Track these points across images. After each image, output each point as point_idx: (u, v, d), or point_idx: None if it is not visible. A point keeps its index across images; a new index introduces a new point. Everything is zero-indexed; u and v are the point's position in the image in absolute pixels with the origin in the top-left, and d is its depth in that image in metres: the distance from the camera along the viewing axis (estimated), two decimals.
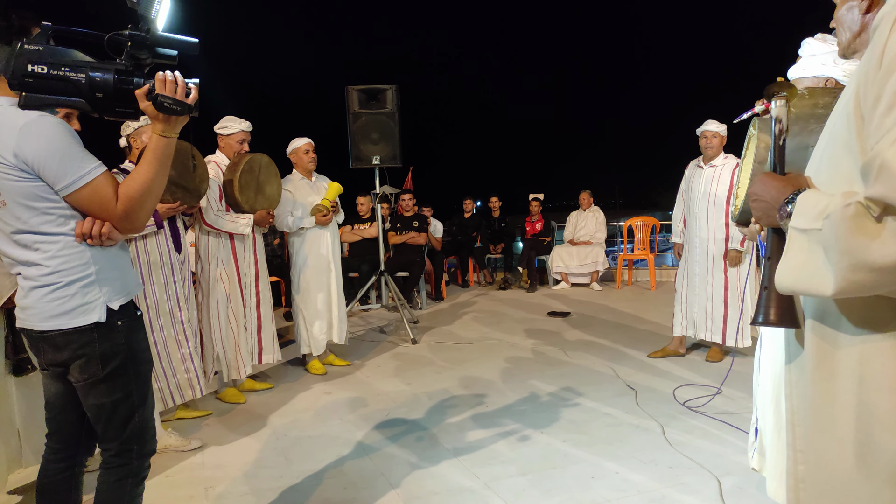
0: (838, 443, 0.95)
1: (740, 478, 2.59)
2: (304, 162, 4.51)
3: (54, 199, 1.56)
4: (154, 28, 1.55)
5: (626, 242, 8.34)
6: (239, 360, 3.84)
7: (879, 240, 0.80)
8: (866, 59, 0.90)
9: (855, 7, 1.15)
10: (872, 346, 0.91)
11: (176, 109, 1.57)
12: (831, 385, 0.97)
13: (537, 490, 2.58)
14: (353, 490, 2.65)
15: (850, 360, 0.94)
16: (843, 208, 0.84)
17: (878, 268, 0.80)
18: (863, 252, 0.81)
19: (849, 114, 0.92)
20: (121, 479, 1.72)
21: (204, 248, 3.81)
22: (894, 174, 0.78)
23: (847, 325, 0.95)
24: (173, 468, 2.93)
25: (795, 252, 0.93)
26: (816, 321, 1.01)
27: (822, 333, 1.00)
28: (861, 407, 0.91)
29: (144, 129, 3.19)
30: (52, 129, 1.53)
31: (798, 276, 0.92)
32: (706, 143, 4.31)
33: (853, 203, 0.83)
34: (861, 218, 0.82)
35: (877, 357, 0.90)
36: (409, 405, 3.70)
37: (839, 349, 0.96)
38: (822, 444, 0.99)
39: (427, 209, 7.98)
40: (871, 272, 0.82)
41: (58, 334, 1.61)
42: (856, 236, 0.82)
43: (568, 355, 4.68)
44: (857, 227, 0.82)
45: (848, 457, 0.93)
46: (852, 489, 0.93)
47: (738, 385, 3.68)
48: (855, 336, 0.93)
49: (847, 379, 0.94)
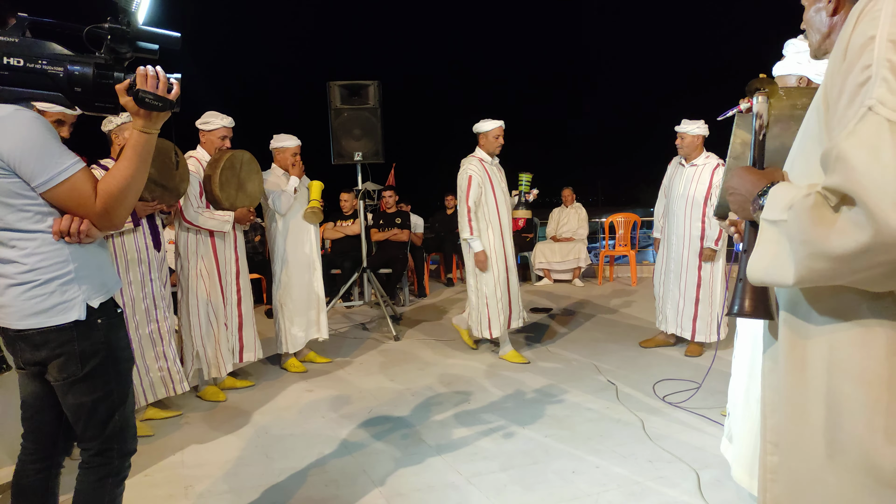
0: (810, 431, 0.96)
1: (719, 471, 2.63)
2: (287, 164, 4.45)
3: (31, 195, 1.53)
4: (135, 21, 1.52)
5: (608, 239, 8.40)
6: (219, 357, 3.80)
7: (836, 229, 0.81)
8: (833, 53, 0.92)
9: (822, 9, 1.17)
10: (840, 335, 0.92)
11: (157, 105, 1.55)
12: (802, 375, 0.98)
13: (519, 485, 2.60)
14: (334, 487, 2.65)
15: (820, 349, 0.95)
16: (804, 198, 0.86)
17: (835, 257, 0.82)
18: (821, 241, 0.83)
19: (818, 107, 0.94)
20: (101, 478, 1.70)
21: (184, 244, 3.77)
22: (849, 164, 0.80)
23: (816, 315, 0.96)
24: (152, 467, 2.90)
25: (766, 243, 0.94)
26: (788, 312, 1.03)
27: (794, 324, 1.01)
28: (831, 396, 0.93)
29: (127, 125, 3.14)
30: (28, 124, 1.50)
31: (766, 267, 0.93)
32: (679, 142, 4.43)
33: (813, 193, 0.85)
34: (820, 208, 0.83)
35: (845, 346, 0.92)
36: (391, 402, 3.70)
37: (809, 339, 0.97)
38: (794, 432, 1.00)
39: (405, 205, 7.96)
40: (829, 261, 0.83)
41: (36, 333, 1.58)
42: (815, 226, 0.83)
43: (550, 351, 4.71)
44: (816, 217, 0.83)
45: (819, 445, 0.94)
46: (823, 476, 0.94)
47: (719, 380, 3.74)
48: (824, 326, 0.95)
49: (817, 368, 0.95)
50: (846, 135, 0.82)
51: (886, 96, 0.80)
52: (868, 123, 0.80)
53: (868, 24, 0.86)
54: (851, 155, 0.80)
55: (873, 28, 0.85)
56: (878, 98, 0.81)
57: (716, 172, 4.28)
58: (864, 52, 0.85)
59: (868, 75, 0.83)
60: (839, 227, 0.81)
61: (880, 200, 0.76)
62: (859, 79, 0.84)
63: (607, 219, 8.59)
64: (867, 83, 0.83)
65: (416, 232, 7.72)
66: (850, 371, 0.90)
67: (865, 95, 0.82)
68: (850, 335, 0.91)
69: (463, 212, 4.35)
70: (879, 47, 0.83)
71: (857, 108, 0.83)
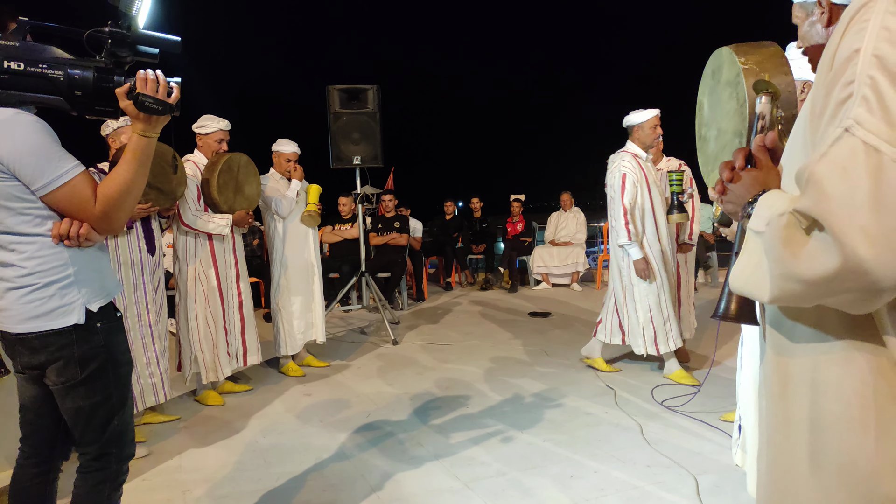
0: (793, 445, 0.95)
1: (717, 476, 2.63)
2: (282, 168, 4.48)
3: (31, 199, 1.53)
4: (135, 25, 1.53)
5: (607, 243, 8.41)
6: (217, 362, 3.80)
7: (805, 252, 0.78)
8: (821, 62, 0.88)
9: (817, 22, 1.15)
10: (823, 353, 0.90)
11: (157, 109, 1.55)
12: (787, 389, 0.96)
13: (517, 490, 2.59)
14: (332, 492, 2.64)
15: (804, 366, 0.93)
16: (779, 217, 0.83)
17: (805, 280, 0.79)
18: (791, 263, 0.80)
19: (806, 117, 0.91)
20: (99, 483, 1.69)
21: (182, 248, 3.77)
22: (820, 188, 0.77)
23: (800, 333, 0.94)
24: (150, 472, 2.89)
25: (749, 253, 0.92)
26: (773, 328, 1.01)
27: (778, 340, 0.99)
28: (814, 412, 0.91)
29: (124, 129, 3.15)
30: (28, 128, 1.50)
31: (748, 277, 0.91)
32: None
33: (787, 213, 0.82)
34: (792, 228, 0.81)
35: (827, 364, 0.90)
36: (389, 406, 3.70)
37: (793, 357, 0.95)
38: (778, 445, 0.99)
39: (404, 210, 7.97)
40: (799, 283, 0.80)
41: (35, 337, 1.58)
42: (786, 246, 0.81)
43: (548, 355, 4.71)
44: (788, 238, 0.81)
45: (802, 460, 0.93)
46: (805, 491, 0.93)
47: (717, 384, 3.74)
48: (807, 344, 0.93)
49: (801, 384, 0.93)
50: (819, 156, 0.79)
51: (865, 117, 0.76)
52: (843, 146, 0.77)
53: (855, 35, 0.82)
54: (823, 178, 0.77)
55: (859, 41, 0.80)
56: (856, 118, 0.76)
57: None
58: (848, 66, 0.80)
59: (849, 92, 0.79)
60: (809, 250, 0.78)
61: (848, 228, 0.73)
62: (841, 95, 0.80)
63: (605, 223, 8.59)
64: (847, 101, 0.79)
65: (414, 236, 7.73)
66: (833, 389, 0.89)
67: (844, 115, 0.78)
68: (833, 354, 0.89)
69: (618, 214, 3.94)
70: (863, 62, 0.78)
71: (835, 128, 0.79)
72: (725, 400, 3.53)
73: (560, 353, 4.77)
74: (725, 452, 2.85)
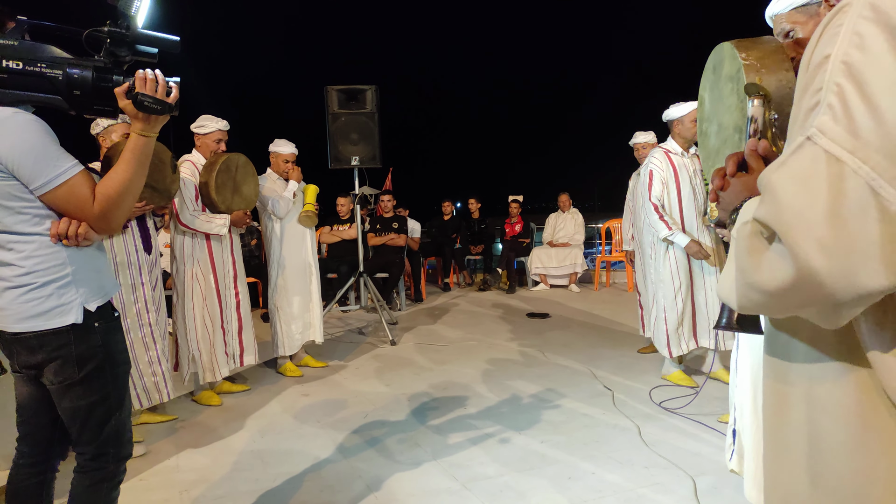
0: (792, 464, 0.93)
1: (715, 478, 2.63)
2: (280, 169, 4.49)
3: (29, 198, 1.53)
4: (134, 25, 1.53)
5: (605, 244, 8.42)
6: (214, 362, 3.79)
7: (764, 262, 0.76)
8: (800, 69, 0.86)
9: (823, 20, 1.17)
10: (818, 369, 0.89)
11: (156, 108, 1.55)
12: (784, 405, 0.95)
13: (514, 491, 2.59)
14: (330, 493, 2.64)
15: (800, 380, 0.91)
16: (743, 225, 0.81)
17: (764, 291, 0.77)
18: (752, 272, 0.78)
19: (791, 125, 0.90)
20: (96, 483, 1.69)
21: (179, 248, 3.76)
22: (776, 197, 0.75)
23: (796, 347, 0.92)
24: (147, 471, 2.88)
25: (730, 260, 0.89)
26: (770, 340, 1.00)
27: (775, 352, 0.98)
28: (811, 429, 0.89)
29: (114, 127, 3.13)
30: (26, 127, 1.50)
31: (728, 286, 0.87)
32: (639, 153, 4.53)
33: (750, 221, 0.80)
34: (754, 237, 0.79)
35: (821, 381, 0.88)
36: (387, 407, 3.70)
37: (790, 371, 0.94)
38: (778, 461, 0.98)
39: (403, 210, 7.97)
40: (760, 294, 0.78)
41: (32, 336, 1.57)
42: (748, 255, 0.79)
43: (546, 356, 4.71)
44: (750, 247, 0.79)
45: (802, 475, 0.92)
46: None
47: (716, 386, 3.74)
48: (803, 358, 0.91)
49: (798, 400, 0.92)
50: (778, 164, 0.76)
51: (828, 125, 0.73)
52: (803, 155, 0.74)
53: (828, 40, 0.79)
54: (779, 188, 0.74)
55: (831, 46, 0.77)
56: (819, 127, 0.73)
57: None
58: (818, 72, 0.78)
59: (817, 100, 0.76)
60: (767, 260, 0.76)
61: (803, 240, 0.71)
62: (810, 103, 0.78)
63: (604, 224, 8.61)
64: (815, 108, 0.76)
65: (413, 237, 7.73)
66: (827, 406, 0.87)
67: (810, 122, 0.75)
68: (826, 369, 0.87)
69: (649, 210, 3.93)
70: (832, 69, 0.75)
71: (798, 135, 0.76)
72: (724, 402, 3.53)
73: (557, 354, 4.77)
74: (724, 454, 2.85)
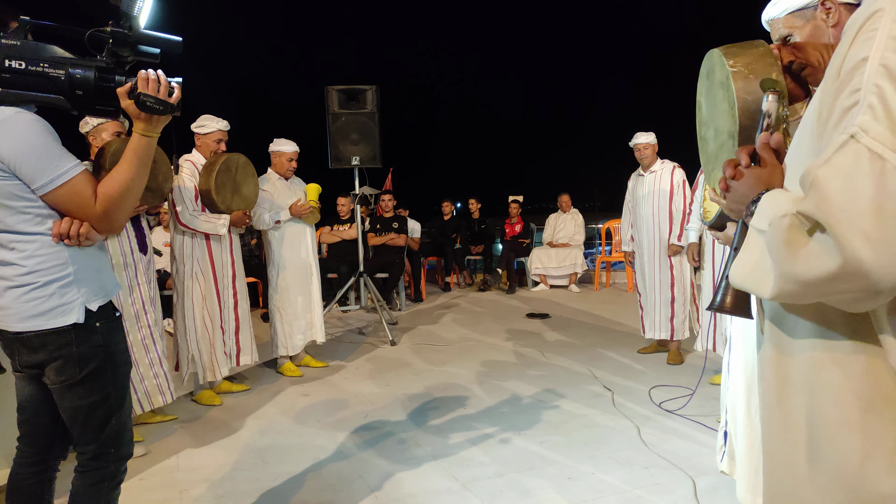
0: (792, 446, 0.96)
1: (715, 478, 2.63)
2: (283, 168, 4.49)
3: (31, 197, 1.53)
4: (136, 25, 1.53)
5: (605, 245, 8.43)
6: (214, 361, 3.79)
7: (805, 253, 0.80)
8: (828, 68, 0.90)
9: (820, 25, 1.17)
10: (821, 354, 0.92)
11: (158, 109, 1.56)
12: (785, 390, 0.97)
13: (514, 491, 2.59)
14: (330, 492, 2.64)
15: (802, 366, 0.95)
16: (781, 218, 0.85)
17: (802, 281, 0.81)
18: (790, 263, 0.82)
19: (812, 119, 0.93)
20: (96, 482, 1.69)
21: (179, 248, 3.76)
22: (822, 192, 0.79)
23: (801, 331, 0.96)
24: (147, 471, 2.88)
25: (751, 250, 0.94)
26: (774, 324, 1.02)
27: (778, 339, 1.01)
28: (811, 414, 0.92)
29: (104, 126, 3.12)
30: (29, 127, 1.50)
31: (748, 274, 0.93)
32: (640, 154, 4.62)
33: (789, 214, 0.84)
34: (793, 230, 0.82)
35: (825, 365, 0.91)
36: (387, 407, 3.70)
37: (793, 356, 0.97)
38: (777, 445, 1.00)
39: (403, 210, 7.97)
40: (797, 284, 0.82)
41: (34, 335, 1.58)
42: (786, 247, 0.83)
43: (546, 356, 4.72)
44: (789, 239, 0.83)
45: (801, 460, 0.94)
46: (803, 492, 0.94)
47: (715, 387, 3.74)
48: (806, 343, 0.94)
49: (799, 385, 0.95)
50: (823, 161, 0.81)
51: (870, 124, 0.78)
52: (847, 152, 0.79)
53: (863, 44, 0.83)
54: (825, 183, 0.79)
55: (867, 49, 0.82)
56: (861, 125, 0.78)
57: (674, 174, 4.52)
58: (855, 74, 0.82)
59: (856, 100, 0.81)
60: (808, 252, 0.80)
61: (849, 231, 0.76)
62: (847, 102, 0.82)
63: (604, 225, 8.61)
64: (853, 108, 0.81)
65: (413, 237, 7.73)
66: (830, 390, 0.90)
67: (850, 121, 0.80)
68: (831, 354, 0.91)
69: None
70: (870, 71, 0.80)
71: (840, 134, 0.81)
72: None
73: (557, 354, 4.78)
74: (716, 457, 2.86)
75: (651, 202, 4.55)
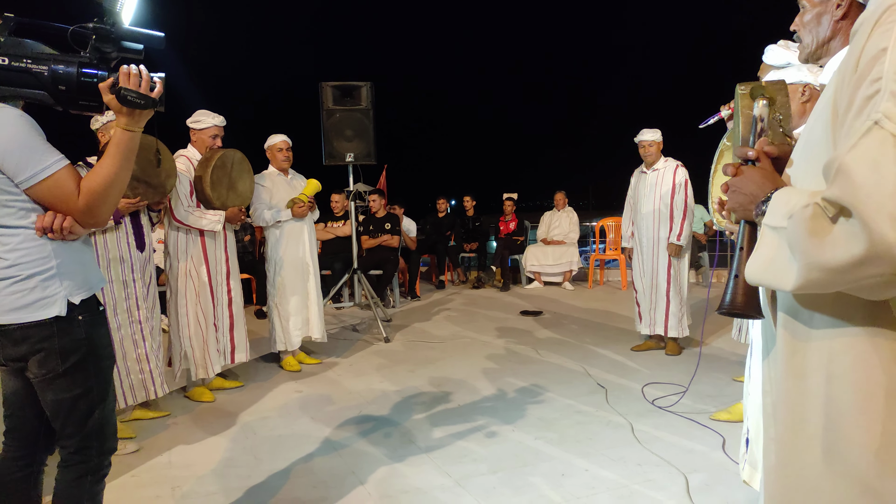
0: (808, 437, 0.97)
1: (707, 475, 2.64)
2: (277, 160, 4.50)
3: (14, 191, 1.53)
4: (119, 21, 1.53)
5: (599, 243, 8.43)
6: (207, 358, 3.78)
7: (831, 240, 0.82)
8: (844, 63, 0.92)
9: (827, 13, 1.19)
10: (840, 343, 0.93)
11: (140, 103, 1.56)
12: (801, 381, 0.98)
13: (508, 488, 2.60)
14: (322, 488, 2.64)
15: (820, 356, 0.96)
16: (803, 209, 0.87)
17: (830, 268, 0.83)
18: (816, 252, 0.84)
19: (826, 117, 0.94)
20: (79, 476, 1.69)
21: (173, 244, 3.75)
22: (849, 177, 0.80)
23: (818, 321, 0.97)
24: (139, 467, 2.88)
25: (766, 247, 0.95)
26: (789, 316, 1.03)
27: (795, 329, 1.02)
28: (829, 404, 0.93)
29: (113, 122, 3.13)
30: (12, 121, 1.50)
31: (766, 270, 0.95)
32: (644, 151, 4.64)
33: (811, 204, 0.85)
34: (817, 219, 0.84)
35: (844, 354, 0.92)
36: (380, 403, 3.70)
37: (810, 345, 0.98)
38: (792, 438, 1.01)
39: (398, 208, 7.95)
40: (824, 272, 0.84)
41: (16, 328, 1.57)
42: (811, 236, 0.84)
43: (540, 354, 4.72)
44: (813, 228, 0.84)
45: (816, 452, 0.95)
46: (819, 483, 0.95)
47: (708, 383, 3.75)
48: (824, 333, 0.96)
49: (817, 375, 0.96)
50: (849, 148, 0.82)
51: (893, 111, 0.80)
52: (872, 138, 0.81)
53: (881, 35, 0.86)
54: (852, 168, 0.81)
55: (886, 40, 0.85)
56: (885, 112, 0.80)
57: (676, 173, 4.53)
58: (875, 64, 0.84)
59: (877, 88, 0.83)
60: (834, 237, 0.82)
61: (877, 213, 0.77)
62: (868, 91, 0.84)
63: (598, 223, 8.62)
64: (875, 96, 0.83)
65: (409, 235, 7.72)
66: (849, 380, 0.91)
67: (872, 109, 0.82)
68: (850, 344, 0.92)
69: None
70: (891, 60, 0.83)
71: (864, 121, 0.83)
72: (716, 399, 3.55)
73: (551, 351, 4.78)
74: (716, 451, 2.87)
75: (652, 200, 4.56)
